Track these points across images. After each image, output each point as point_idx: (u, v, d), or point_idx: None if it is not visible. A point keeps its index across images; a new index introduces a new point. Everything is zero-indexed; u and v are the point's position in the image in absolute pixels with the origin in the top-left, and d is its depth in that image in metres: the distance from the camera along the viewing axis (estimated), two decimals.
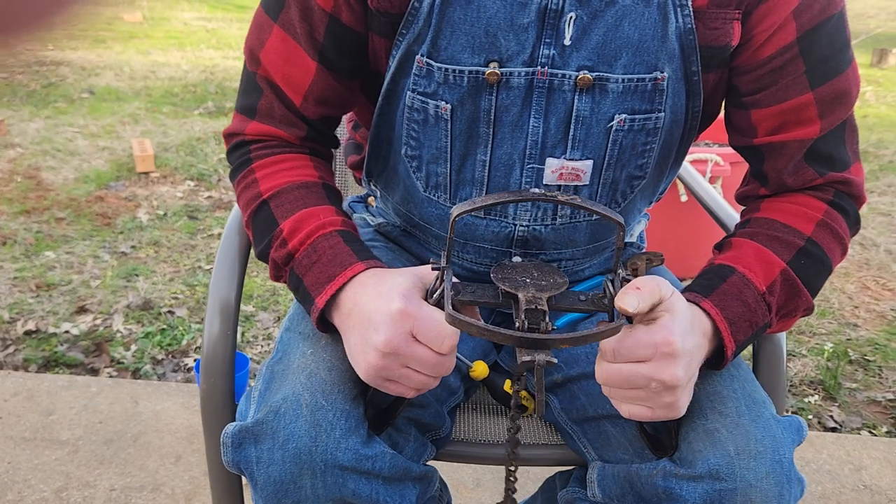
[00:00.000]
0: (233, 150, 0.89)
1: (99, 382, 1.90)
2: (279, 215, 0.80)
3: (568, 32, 0.76)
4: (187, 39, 7.17)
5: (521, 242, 0.88)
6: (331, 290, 0.74)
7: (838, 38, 0.78)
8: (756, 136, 0.84)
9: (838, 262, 0.83)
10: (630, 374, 0.68)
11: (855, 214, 0.85)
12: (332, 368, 0.76)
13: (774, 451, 0.73)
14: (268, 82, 0.84)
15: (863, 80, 7.15)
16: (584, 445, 0.89)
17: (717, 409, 0.75)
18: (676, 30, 0.76)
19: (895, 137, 4.99)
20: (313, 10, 0.79)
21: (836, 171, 0.83)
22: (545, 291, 0.68)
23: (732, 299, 0.75)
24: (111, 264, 2.58)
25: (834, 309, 2.56)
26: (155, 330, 2.18)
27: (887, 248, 3.10)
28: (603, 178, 0.83)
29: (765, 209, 0.85)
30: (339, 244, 0.77)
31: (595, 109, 0.79)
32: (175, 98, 4.91)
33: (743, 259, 0.79)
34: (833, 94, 0.79)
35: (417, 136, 0.84)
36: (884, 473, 1.75)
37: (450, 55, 0.78)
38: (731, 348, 0.74)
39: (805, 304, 0.80)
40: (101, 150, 3.72)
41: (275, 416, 0.72)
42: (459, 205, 0.70)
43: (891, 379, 2.17)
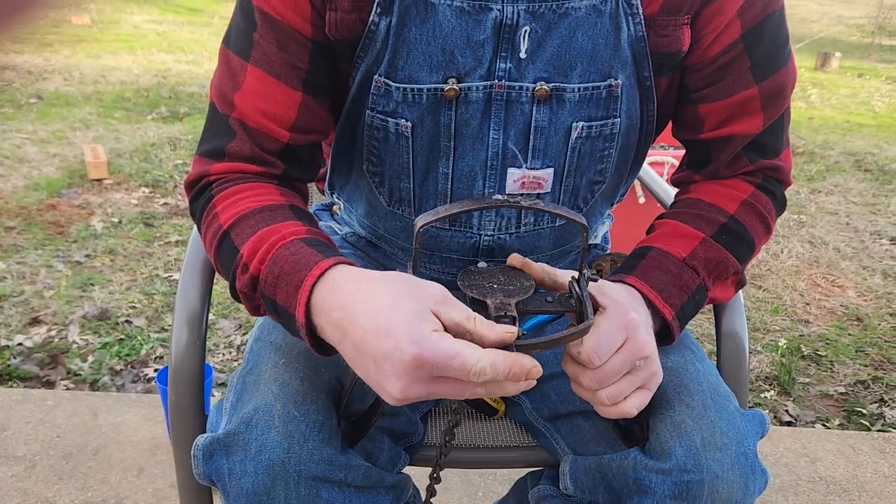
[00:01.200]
0: (197, 197, 0.82)
1: (55, 395, 1.85)
2: (239, 242, 0.73)
3: (523, 46, 0.77)
4: (138, 43, 7.04)
5: (486, 252, 0.89)
6: (303, 298, 0.65)
7: (780, 34, 0.81)
8: (703, 130, 0.86)
9: (762, 241, 0.86)
10: (617, 365, 0.69)
11: (782, 197, 0.89)
12: (305, 378, 0.76)
13: (739, 443, 0.75)
14: (242, 125, 0.79)
15: (808, 84, 7.39)
16: (558, 442, 0.90)
17: (684, 401, 0.77)
18: (628, 38, 0.78)
19: (840, 138, 5.16)
20: (292, 39, 0.77)
21: (767, 159, 0.87)
22: (513, 296, 0.69)
23: (653, 270, 0.78)
24: (65, 274, 2.52)
25: (787, 306, 2.64)
26: (113, 340, 2.14)
27: (835, 246, 3.20)
28: (564, 185, 0.85)
29: (693, 191, 0.89)
30: (300, 249, 0.69)
31: (553, 119, 0.80)
32: (127, 103, 4.81)
33: (661, 237, 0.83)
34: (776, 88, 0.82)
35: (378, 152, 0.84)
36: (837, 465, 1.80)
37: (408, 74, 0.78)
38: (669, 313, 0.76)
39: (734, 267, 0.82)
40: (52, 157, 3.63)
41: (246, 427, 0.71)
42: (423, 215, 0.69)
43: (842, 373, 2.25)
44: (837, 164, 4.49)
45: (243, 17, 0.79)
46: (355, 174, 0.91)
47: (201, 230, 0.80)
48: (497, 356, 0.59)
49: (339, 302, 0.63)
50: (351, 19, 0.77)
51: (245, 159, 0.81)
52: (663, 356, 0.82)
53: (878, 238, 3.35)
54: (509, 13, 0.75)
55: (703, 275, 0.80)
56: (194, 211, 0.82)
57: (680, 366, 0.82)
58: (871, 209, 3.74)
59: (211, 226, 0.78)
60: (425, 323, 0.59)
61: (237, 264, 0.73)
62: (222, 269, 0.77)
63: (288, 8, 0.76)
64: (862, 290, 2.81)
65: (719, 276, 0.82)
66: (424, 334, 0.58)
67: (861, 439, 1.92)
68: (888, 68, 8.53)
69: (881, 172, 4.38)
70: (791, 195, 3.85)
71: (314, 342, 0.68)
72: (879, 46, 9.67)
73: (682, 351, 0.85)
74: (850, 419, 2.05)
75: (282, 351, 0.80)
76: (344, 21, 0.77)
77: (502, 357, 0.59)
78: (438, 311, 0.61)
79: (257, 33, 0.78)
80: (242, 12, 0.79)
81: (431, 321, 0.60)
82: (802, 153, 4.68)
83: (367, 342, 0.60)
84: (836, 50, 8.58)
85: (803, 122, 5.65)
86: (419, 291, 0.62)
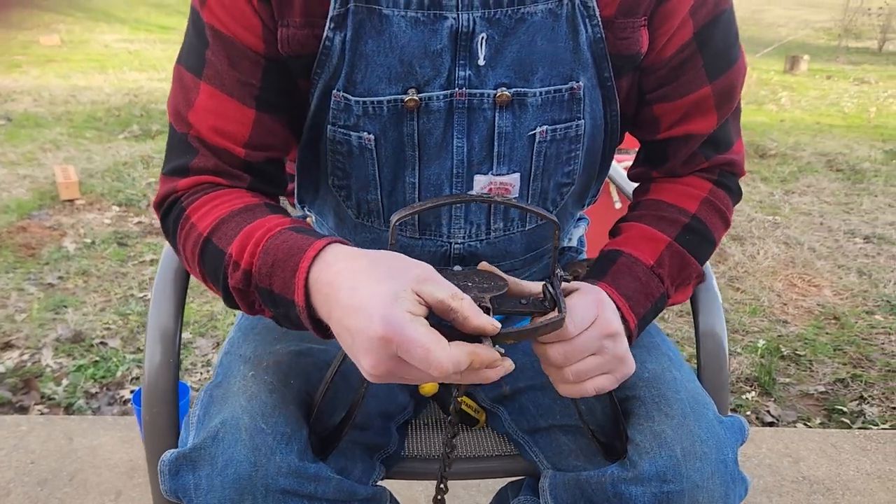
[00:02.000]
0: (167, 214, 0.81)
1: (29, 420, 1.81)
2: (224, 245, 0.72)
3: (481, 52, 0.76)
4: (109, 62, 6.99)
5: (458, 260, 0.88)
6: (301, 280, 0.65)
7: (730, 33, 0.83)
8: (660, 130, 0.87)
9: (721, 234, 0.88)
10: (587, 340, 0.69)
11: (737, 188, 0.92)
12: (274, 391, 0.74)
13: (719, 451, 0.75)
14: (201, 142, 0.79)
15: (778, 86, 7.49)
16: (537, 455, 0.89)
17: (663, 410, 0.77)
18: (587, 39, 0.78)
19: (811, 139, 5.23)
20: (244, 56, 0.76)
21: (721, 154, 0.88)
22: (488, 293, 0.69)
23: (623, 276, 0.79)
24: (37, 296, 2.47)
25: (765, 307, 2.65)
26: (87, 363, 2.10)
27: (810, 246, 3.23)
28: (532, 189, 0.85)
29: (653, 191, 0.90)
30: (290, 237, 0.68)
31: (517, 124, 0.80)
32: (98, 122, 4.76)
33: (629, 241, 0.84)
34: (728, 86, 0.84)
35: (344, 166, 0.83)
36: (820, 464, 1.81)
37: (367, 88, 0.77)
38: (632, 321, 0.77)
39: (696, 272, 0.85)
40: (22, 179, 3.58)
41: (213, 440, 0.70)
42: (398, 211, 0.70)
43: (821, 372, 2.26)
44: (809, 165, 4.55)
45: (195, 35, 0.78)
46: (322, 189, 0.90)
47: (178, 244, 0.79)
48: (460, 354, 0.59)
49: (329, 279, 0.63)
50: (304, 35, 0.76)
51: (211, 173, 0.80)
52: (640, 365, 0.82)
53: (852, 237, 3.39)
54: (465, 21, 0.75)
55: (668, 283, 0.82)
56: (167, 228, 0.81)
57: (658, 374, 0.81)
58: (843, 208, 3.79)
59: (189, 237, 0.77)
60: (400, 302, 0.59)
61: (227, 264, 0.71)
62: (209, 275, 0.75)
63: (238, 25, 0.75)
64: (838, 289, 2.84)
65: (682, 283, 0.84)
66: (396, 314, 0.58)
67: (843, 437, 1.93)
68: (855, 70, 8.68)
69: (852, 172, 4.44)
70: (765, 197, 3.90)
71: (315, 325, 0.67)
72: (846, 49, 9.84)
73: (659, 358, 0.85)
74: (830, 418, 2.06)
75: (251, 363, 0.79)
76: (296, 37, 0.76)
77: (466, 352, 0.59)
78: (420, 290, 0.61)
79: (209, 50, 0.77)
80: (195, 29, 0.78)
81: (409, 301, 0.60)
82: (775, 155, 4.73)
83: (345, 317, 0.61)
84: (805, 53, 8.72)
85: (775, 124, 5.72)
86: (402, 271, 0.62)
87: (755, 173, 4.33)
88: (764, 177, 4.28)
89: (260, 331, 0.87)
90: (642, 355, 0.84)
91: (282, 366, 0.79)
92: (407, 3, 0.74)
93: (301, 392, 0.78)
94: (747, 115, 6.03)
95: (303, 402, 0.78)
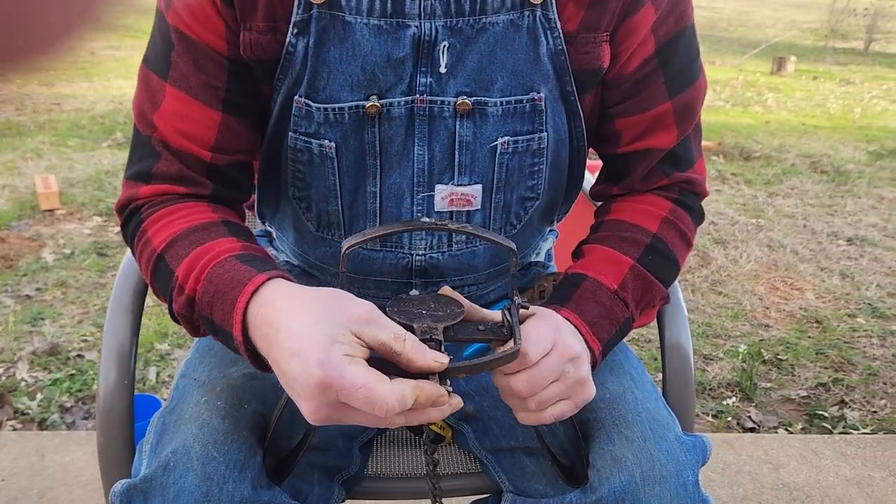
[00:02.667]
0: (127, 221, 0.81)
1: (1, 437, 1.79)
2: (174, 265, 0.72)
3: (443, 60, 0.76)
4: (95, 69, 6.95)
5: (420, 272, 0.87)
6: (239, 315, 0.64)
7: (691, 49, 0.83)
8: (620, 144, 0.87)
9: (684, 255, 0.87)
10: (549, 366, 0.69)
11: (699, 209, 0.91)
12: (226, 416, 0.73)
13: (678, 474, 0.74)
14: (165, 146, 0.78)
15: (764, 88, 7.51)
16: (500, 475, 0.88)
17: (623, 433, 0.76)
18: (548, 51, 0.78)
19: (796, 141, 5.24)
20: (209, 58, 0.76)
21: (681, 171, 0.88)
22: (441, 322, 0.67)
23: (587, 302, 0.78)
24: (14, 309, 2.44)
25: (746, 311, 2.65)
26: (63, 376, 2.08)
27: (793, 249, 3.24)
28: (494, 202, 0.84)
29: (614, 210, 0.89)
30: (234, 266, 0.68)
31: (477, 134, 0.79)
32: (82, 130, 4.73)
33: (593, 265, 0.83)
34: (688, 102, 0.84)
35: (304, 176, 0.82)
36: (800, 471, 1.80)
37: (329, 95, 0.76)
38: (597, 349, 0.76)
39: (660, 294, 0.84)
40: (2, 189, 3.55)
41: (164, 470, 0.69)
42: (349, 238, 0.69)
43: (803, 376, 2.26)
44: (794, 167, 4.56)
45: (161, 37, 0.78)
46: (283, 202, 0.89)
47: (135, 255, 0.79)
48: (404, 389, 0.58)
49: (268, 318, 0.63)
50: (266, 40, 0.75)
51: (172, 180, 0.79)
52: (601, 386, 0.81)
53: (835, 239, 3.39)
54: (427, 29, 0.75)
55: (632, 307, 0.81)
56: (126, 236, 0.82)
57: (619, 395, 0.81)
58: (827, 210, 3.79)
59: (144, 251, 0.77)
60: (337, 346, 0.58)
61: (173, 286, 0.72)
62: (160, 292, 0.76)
63: (202, 27, 0.75)
64: (820, 292, 2.84)
65: (647, 306, 0.84)
66: (332, 358, 0.57)
67: (823, 443, 1.92)
68: (842, 70, 8.72)
69: (837, 174, 4.45)
70: (749, 199, 3.90)
71: (253, 359, 0.67)
72: (833, 49, 9.88)
73: (621, 377, 0.84)
74: (812, 422, 2.05)
75: (204, 388, 0.78)
76: (259, 42, 0.75)
77: (410, 389, 0.58)
78: (360, 332, 0.60)
79: (174, 53, 0.76)
80: (160, 32, 0.78)
81: (347, 345, 0.59)
82: (759, 157, 4.74)
83: (283, 360, 0.60)
84: (792, 54, 8.76)
85: (760, 126, 5.73)
86: (341, 311, 0.61)
87: (739, 176, 4.34)
88: (748, 179, 4.28)
89: (216, 352, 0.86)
90: (603, 375, 0.84)
91: (236, 389, 0.78)
92: (370, 10, 0.74)
93: (256, 415, 0.77)
94: (733, 116, 6.04)
95: (258, 425, 0.76)
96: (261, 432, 0.76)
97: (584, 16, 0.77)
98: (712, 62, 8.51)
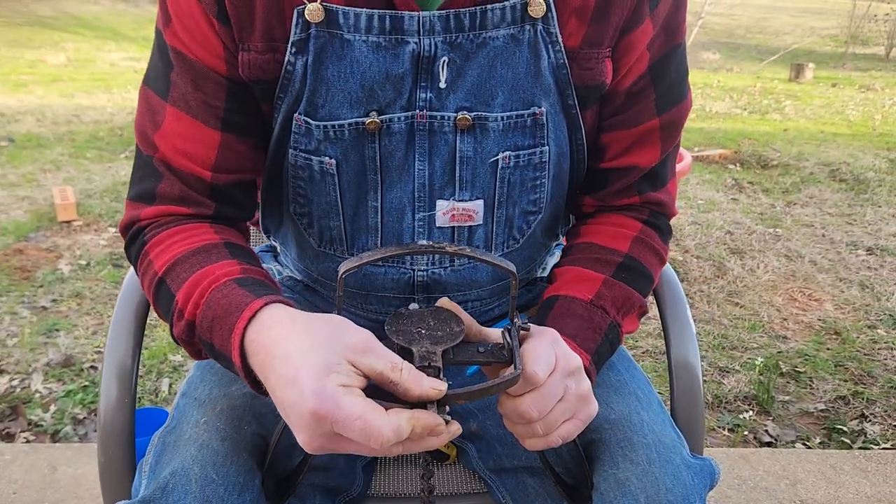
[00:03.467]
0: (131, 243, 0.81)
1: (13, 449, 1.80)
2: (175, 288, 0.72)
3: (443, 76, 0.75)
4: (114, 81, 7.03)
5: (422, 287, 0.86)
6: (237, 341, 0.64)
7: (682, 67, 0.83)
8: (604, 159, 0.86)
9: (657, 270, 0.87)
10: (554, 384, 0.66)
11: (667, 228, 0.91)
12: (226, 438, 0.72)
13: (684, 499, 0.72)
14: (167, 166, 0.78)
15: (782, 95, 7.45)
16: (504, 496, 0.87)
17: (628, 456, 0.74)
18: (549, 65, 0.77)
19: (815, 149, 5.18)
20: (207, 77, 0.76)
21: (654, 191, 0.88)
22: (440, 343, 0.66)
23: (563, 318, 0.78)
24: (30, 320, 2.47)
25: (764, 322, 2.61)
26: (77, 387, 2.09)
27: (812, 259, 3.19)
28: (496, 217, 0.83)
29: (584, 234, 0.89)
30: (233, 291, 0.68)
31: (478, 149, 0.79)
32: (100, 142, 4.78)
33: (564, 285, 0.82)
34: (674, 120, 0.84)
35: (305, 192, 0.82)
36: (818, 486, 1.77)
37: (328, 112, 0.76)
38: (586, 359, 0.75)
39: (639, 302, 0.83)
40: (21, 200, 3.59)
41: (162, 492, 0.68)
42: (347, 261, 0.68)
43: (821, 389, 2.22)
44: (812, 176, 4.51)
45: (160, 57, 0.78)
46: (286, 217, 0.88)
47: (138, 276, 0.79)
48: (400, 420, 0.57)
49: (265, 344, 0.62)
50: (265, 59, 0.75)
51: (175, 201, 0.79)
52: (607, 406, 0.80)
53: (855, 249, 3.34)
54: (427, 45, 0.74)
55: (613, 312, 0.80)
56: (129, 257, 0.82)
57: (624, 417, 0.79)
58: (846, 220, 3.74)
59: (147, 273, 0.77)
60: (333, 376, 0.57)
61: (174, 311, 0.71)
62: (163, 315, 0.76)
63: (200, 47, 0.75)
64: (839, 303, 2.80)
65: (627, 312, 0.82)
66: (327, 389, 0.56)
67: (842, 458, 1.88)
68: (862, 77, 8.63)
69: (856, 182, 4.39)
70: (766, 209, 3.86)
71: (254, 384, 0.66)
72: (853, 55, 9.79)
73: (626, 399, 0.82)
74: (830, 437, 2.02)
75: (205, 408, 0.77)
76: (258, 61, 0.75)
77: (406, 419, 0.57)
78: (356, 361, 0.59)
79: (174, 73, 0.76)
80: (159, 51, 0.78)
81: (344, 374, 0.58)
82: (777, 165, 4.69)
83: (278, 388, 0.59)
84: (811, 61, 8.68)
85: (778, 134, 5.68)
86: (337, 340, 0.60)
87: (756, 184, 4.29)
88: (765, 188, 4.24)
89: (217, 370, 0.85)
90: (609, 395, 0.82)
91: (236, 410, 0.77)
92: (368, 28, 0.73)
93: (255, 437, 0.76)
94: (750, 124, 5.99)
95: (257, 447, 0.76)
96: (260, 454, 0.75)
97: (586, 31, 0.77)
98: (730, 69, 8.44)
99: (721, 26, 12.31)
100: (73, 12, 11.64)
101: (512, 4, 0.74)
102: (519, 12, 0.74)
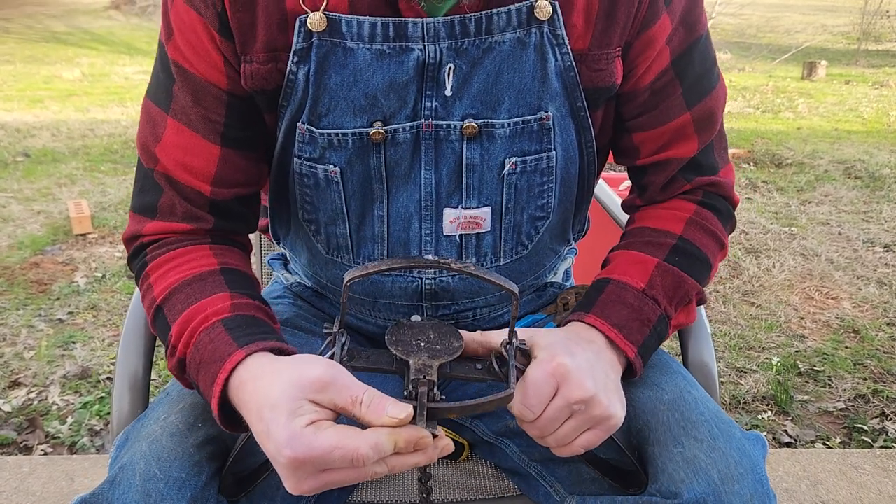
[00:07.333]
0: (133, 257, 0.83)
1: (31, 461, 1.81)
2: (171, 319, 0.74)
3: (448, 83, 0.75)
4: (128, 94, 7.09)
5: (430, 295, 0.86)
6: (217, 391, 0.66)
7: (707, 58, 0.82)
8: (640, 157, 0.86)
9: (717, 257, 0.85)
10: (554, 413, 0.68)
11: (727, 211, 0.88)
12: (176, 434, 0.73)
13: (753, 471, 0.72)
14: (167, 179, 0.79)
15: (795, 93, 7.40)
16: (552, 485, 0.85)
17: (691, 435, 0.74)
18: (556, 68, 0.76)
19: (829, 147, 5.14)
20: (208, 92, 0.76)
21: (704, 176, 0.86)
22: (438, 357, 0.67)
23: (613, 305, 0.77)
24: (46, 333, 2.48)
25: (781, 322, 2.59)
26: (93, 399, 2.10)
27: (828, 257, 3.16)
28: (504, 224, 0.82)
29: (638, 219, 0.89)
30: (219, 336, 0.70)
31: (485, 156, 0.78)
32: (115, 155, 4.82)
33: (617, 268, 0.81)
34: (707, 111, 0.83)
35: (312, 199, 0.82)
36: (840, 486, 1.75)
37: (332, 120, 0.76)
38: (631, 351, 0.74)
39: (695, 289, 0.82)
40: (37, 214, 3.63)
41: (110, 486, 0.70)
42: (352, 270, 0.68)
43: (840, 388, 2.19)
44: (827, 174, 4.47)
45: (162, 70, 0.79)
46: (294, 223, 0.89)
47: (141, 293, 0.81)
48: (378, 437, 0.58)
49: (244, 401, 0.65)
50: (267, 69, 0.75)
51: (174, 216, 0.80)
52: (657, 387, 0.79)
53: (871, 246, 3.31)
54: (432, 52, 0.74)
55: (665, 304, 0.79)
56: (132, 269, 0.84)
57: (677, 396, 0.78)
58: (862, 217, 3.70)
59: (147, 296, 0.79)
60: (299, 419, 0.59)
61: (168, 345, 0.74)
62: (161, 339, 0.78)
63: (201, 61, 0.75)
64: (857, 301, 2.76)
65: (681, 301, 0.81)
66: (296, 434, 0.58)
67: (863, 458, 1.86)
68: (875, 73, 8.55)
69: (871, 179, 4.35)
70: (781, 207, 3.82)
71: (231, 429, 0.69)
72: (866, 52, 9.71)
73: (674, 379, 0.82)
74: (851, 436, 1.99)
75: (171, 404, 0.78)
76: (260, 72, 0.75)
77: (385, 435, 0.58)
78: (317, 399, 0.61)
79: (175, 86, 0.77)
80: (161, 64, 0.79)
81: (308, 414, 0.59)
82: (791, 164, 4.66)
83: (261, 441, 0.62)
84: (823, 58, 8.62)
85: (791, 132, 5.63)
86: (295, 384, 0.61)
87: (771, 183, 4.26)
88: (780, 187, 4.20)
89: None
90: (656, 376, 0.82)
91: (196, 407, 0.78)
92: (371, 36, 0.73)
93: (209, 435, 0.76)
94: (763, 123, 5.95)
95: (207, 443, 0.75)
96: (214, 451, 0.75)
97: (594, 32, 0.76)
98: (741, 69, 8.40)
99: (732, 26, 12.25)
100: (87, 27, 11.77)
101: (518, 8, 0.73)
102: (525, 15, 0.74)
